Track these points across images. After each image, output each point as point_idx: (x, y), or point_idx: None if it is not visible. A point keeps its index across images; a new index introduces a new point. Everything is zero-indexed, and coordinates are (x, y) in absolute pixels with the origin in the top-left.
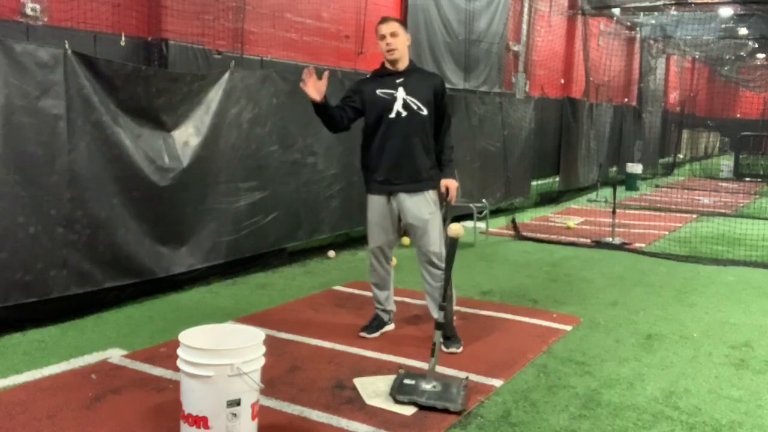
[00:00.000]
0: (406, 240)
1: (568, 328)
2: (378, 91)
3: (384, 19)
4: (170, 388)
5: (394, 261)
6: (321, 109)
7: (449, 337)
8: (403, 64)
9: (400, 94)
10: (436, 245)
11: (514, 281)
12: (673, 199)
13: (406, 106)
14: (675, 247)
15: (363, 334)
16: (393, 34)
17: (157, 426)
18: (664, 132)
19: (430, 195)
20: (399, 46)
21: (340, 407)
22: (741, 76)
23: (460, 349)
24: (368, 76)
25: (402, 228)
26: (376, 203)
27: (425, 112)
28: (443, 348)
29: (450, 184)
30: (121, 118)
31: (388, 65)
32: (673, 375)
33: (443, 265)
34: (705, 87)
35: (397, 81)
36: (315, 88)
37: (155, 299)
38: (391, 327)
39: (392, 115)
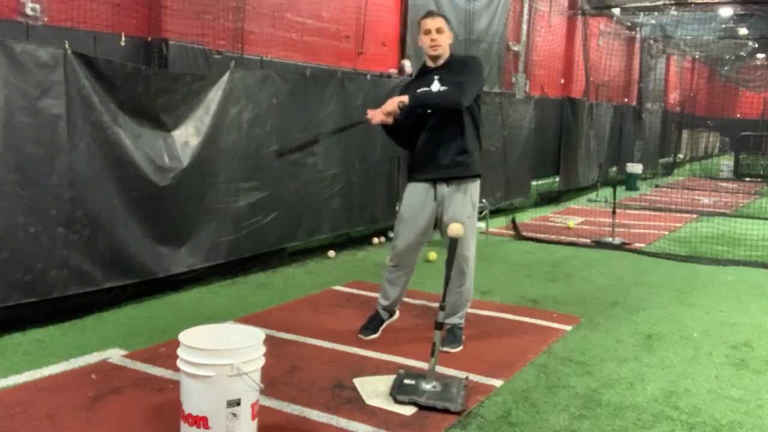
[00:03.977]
0: (433, 255)
1: (568, 328)
2: (418, 91)
3: (430, 13)
4: (170, 388)
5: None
6: (393, 129)
7: (453, 336)
8: (443, 60)
9: (435, 86)
10: (466, 248)
11: (514, 281)
12: (673, 199)
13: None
14: (675, 247)
15: (361, 336)
16: (439, 30)
17: (157, 426)
18: (664, 132)
19: (472, 197)
20: (443, 42)
21: (340, 407)
22: (741, 76)
23: (456, 349)
24: (412, 77)
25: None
26: (412, 199)
27: None
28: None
29: (397, 98)
30: (121, 118)
31: (428, 62)
32: (673, 375)
33: (467, 270)
34: (705, 87)
35: (435, 76)
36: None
37: (155, 299)
38: (395, 317)
39: (429, 111)
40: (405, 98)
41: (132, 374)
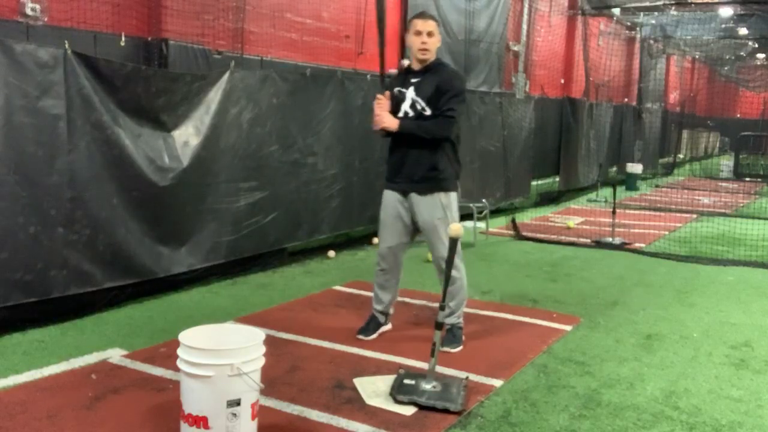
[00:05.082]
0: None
1: (568, 328)
2: (396, 89)
3: (423, 15)
4: (170, 388)
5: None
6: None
7: (452, 336)
8: (427, 63)
9: (410, 93)
10: (445, 250)
11: (514, 281)
12: (673, 199)
13: (412, 106)
14: (675, 247)
15: (360, 336)
16: (430, 34)
17: (157, 426)
18: (664, 132)
19: (441, 198)
20: (432, 47)
21: (340, 407)
22: (741, 76)
23: (456, 350)
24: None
25: (412, 232)
26: (387, 203)
27: (428, 112)
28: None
29: (388, 121)
30: (121, 118)
31: (414, 63)
32: (673, 375)
33: (454, 273)
34: (705, 87)
35: (413, 80)
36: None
37: (155, 299)
38: (387, 327)
39: (400, 114)
40: (394, 125)
41: (132, 374)
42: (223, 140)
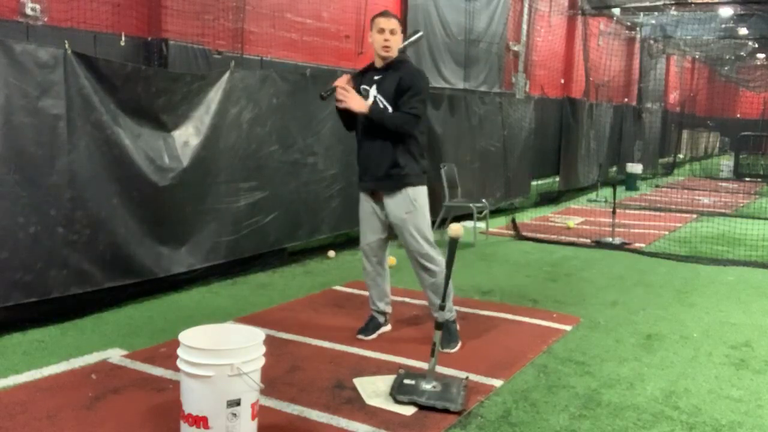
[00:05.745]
0: None
1: (568, 328)
2: (361, 87)
3: (385, 14)
4: (170, 388)
5: (393, 261)
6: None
7: (449, 334)
8: (389, 61)
9: (372, 91)
10: (417, 243)
11: (514, 281)
12: (673, 199)
13: (375, 103)
14: (675, 247)
15: (360, 336)
16: (392, 32)
17: (157, 426)
18: (664, 132)
19: (409, 193)
20: (394, 45)
21: (340, 407)
22: (741, 76)
23: (455, 349)
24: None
25: (388, 227)
26: (362, 200)
27: (390, 110)
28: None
29: (356, 104)
30: (121, 118)
31: (376, 60)
32: (673, 375)
33: (432, 266)
34: (705, 87)
35: (375, 77)
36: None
37: (155, 299)
38: (387, 328)
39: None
40: (364, 108)
41: (132, 374)
42: (223, 140)
